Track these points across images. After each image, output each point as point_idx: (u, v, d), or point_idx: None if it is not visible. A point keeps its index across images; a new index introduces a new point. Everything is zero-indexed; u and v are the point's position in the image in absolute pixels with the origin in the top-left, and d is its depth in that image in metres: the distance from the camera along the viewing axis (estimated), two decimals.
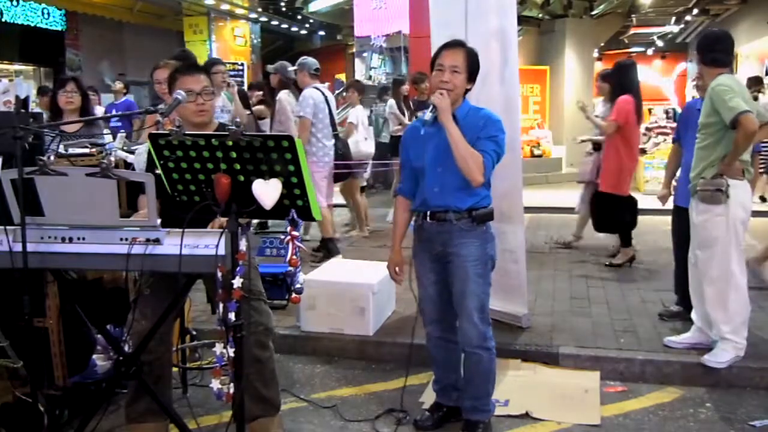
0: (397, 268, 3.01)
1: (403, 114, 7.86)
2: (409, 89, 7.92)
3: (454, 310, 2.93)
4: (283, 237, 2.26)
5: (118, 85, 8.87)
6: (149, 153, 2.61)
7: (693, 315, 3.78)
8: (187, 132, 2.19)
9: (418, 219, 2.96)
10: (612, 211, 5.63)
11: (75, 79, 4.42)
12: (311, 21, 20.60)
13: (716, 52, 3.56)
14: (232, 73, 13.29)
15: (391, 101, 8.13)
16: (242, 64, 13.96)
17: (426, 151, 2.86)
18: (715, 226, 3.45)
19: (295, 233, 2.25)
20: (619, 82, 5.59)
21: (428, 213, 2.89)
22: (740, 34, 13.66)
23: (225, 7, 15.74)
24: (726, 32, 3.68)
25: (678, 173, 4.27)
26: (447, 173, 2.80)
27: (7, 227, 2.28)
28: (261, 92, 7.22)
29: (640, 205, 5.88)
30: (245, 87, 8.45)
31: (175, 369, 3.21)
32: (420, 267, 2.99)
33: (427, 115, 2.77)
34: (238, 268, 2.18)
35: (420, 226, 2.95)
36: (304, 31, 22.08)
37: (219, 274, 2.17)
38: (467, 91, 2.88)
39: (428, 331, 3.05)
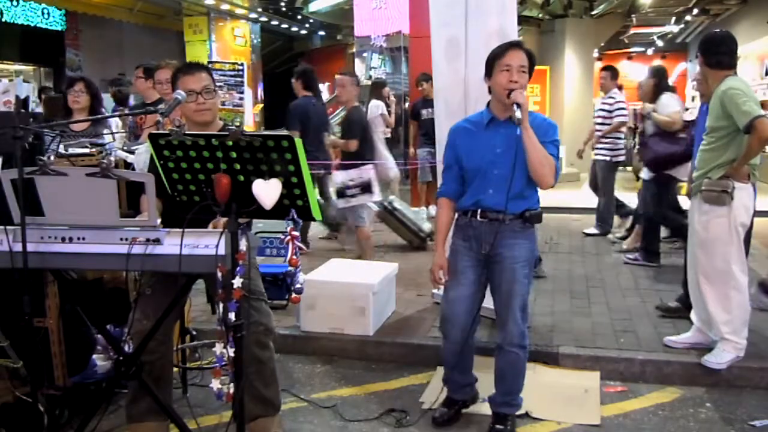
0: (441, 272, 2.93)
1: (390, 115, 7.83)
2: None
3: (478, 312, 2.94)
4: (283, 237, 2.26)
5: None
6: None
7: (692, 315, 3.78)
8: (186, 132, 2.18)
9: (464, 217, 2.91)
10: None
11: (84, 80, 4.47)
12: (311, 21, 20.58)
13: (721, 55, 3.51)
14: (231, 73, 13.26)
15: (378, 102, 7.80)
16: (242, 64, 13.91)
17: (481, 152, 2.81)
18: (717, 226, 3.44)
19: (295, 233, 2.24)
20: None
21: (479, 211, 2.84)
22: (740, 34, 13.59)
23: (225, 7, 15.72)
24: (729, 33, 3.64)
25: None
26: (504, 176, 2.75)
27: (7, 227, 2.28)
28: None
29: None
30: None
31: (175, 369, 3.21)
32: (459, 264, 2.92)
33: (518, 112, 2.66)
34: (238, 268, 2.18)
35: (467, 224, 2.89)
36: (304, 31, 22.06)
37: (219, 274, 2.17)
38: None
39: (452, 335, 2.94)
